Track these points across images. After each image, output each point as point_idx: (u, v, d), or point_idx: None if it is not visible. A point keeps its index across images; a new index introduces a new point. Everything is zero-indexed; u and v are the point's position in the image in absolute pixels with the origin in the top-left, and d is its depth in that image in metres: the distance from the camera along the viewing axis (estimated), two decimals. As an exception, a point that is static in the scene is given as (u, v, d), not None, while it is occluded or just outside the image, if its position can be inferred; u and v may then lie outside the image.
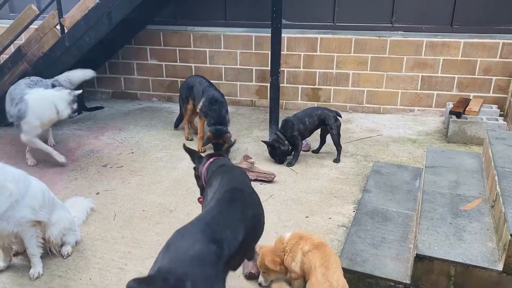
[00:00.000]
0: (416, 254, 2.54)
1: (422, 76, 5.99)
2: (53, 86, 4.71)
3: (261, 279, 2.71)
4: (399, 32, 5.89)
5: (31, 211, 2.76)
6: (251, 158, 4.51)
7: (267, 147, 4.68)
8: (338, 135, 4.65)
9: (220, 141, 4.69)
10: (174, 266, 1.74)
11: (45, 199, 2.89)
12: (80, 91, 4.53)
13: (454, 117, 5.14)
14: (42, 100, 4.27)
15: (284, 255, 2.55)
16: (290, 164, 4.57)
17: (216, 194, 2.29)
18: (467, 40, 5.71)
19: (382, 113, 6.24)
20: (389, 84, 6.11)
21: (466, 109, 5.27)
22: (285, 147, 4.57)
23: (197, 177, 2.87)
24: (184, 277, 1.69)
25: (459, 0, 5.63)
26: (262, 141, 4.83)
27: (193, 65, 6.68)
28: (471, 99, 5.69)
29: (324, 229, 3.41)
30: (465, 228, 2.78)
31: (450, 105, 5.59)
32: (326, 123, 4.63)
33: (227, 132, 4.72)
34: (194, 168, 2.91)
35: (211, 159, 2.75)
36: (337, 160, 4.66)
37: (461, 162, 3.84)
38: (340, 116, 4.74)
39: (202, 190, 2.78)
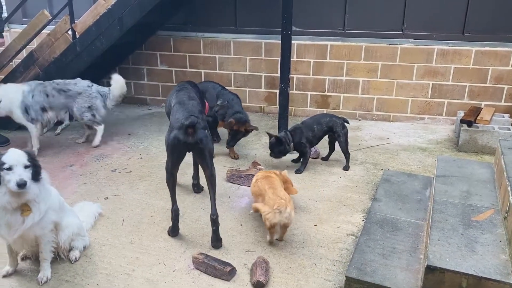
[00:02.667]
0: (427, 265, 2.50)
1: (432, 84, 5.94)
2: None
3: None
4: (410, 40, 5.86)
5: (54, 213, 2.86)
6: (259, 164, 4.50)
7: (270, 138, 4.53)
8: (346, 142, 4.62)
9: (241, 129, 4.77)
10: (193, 111, 3.22)
11: (59, 201, 2.97)
12: None
13: (465, 126, 5.09)
14: None
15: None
16: (298, 171, 4.54)
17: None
18: (479, 49, 5.66)
19: (392, 121, 6.20)
20: (399, 92, 6.08)
21: (478, 118, 5.22)
22: (288, 147, 4.50)
23: None
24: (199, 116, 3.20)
25: (471, 8, 5.60)
26: (267, 132, 4.67)
27: (202, 71, 6.70)
28: (482, 108, 5.63)
29: (333, 237, 3.38)
30: (477, 239, 2.74)
31: (461, 114, 5.54)
32: (334, 131, 4.60)
33: (248, 121, 4.83)
34: None
35: None
36: (346, 168, 4.62)
37: (473, 171, 3.80)
38: (348, 123, 4.72)
39: None
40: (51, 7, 6.89)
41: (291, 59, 5.19)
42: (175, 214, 3.37)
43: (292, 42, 5.20)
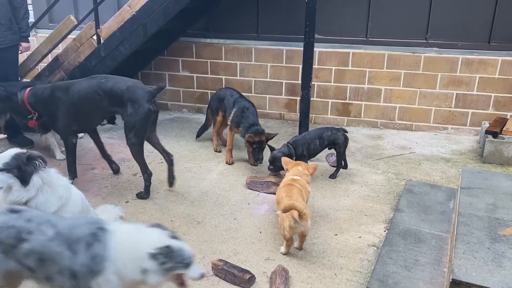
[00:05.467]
0: (452, 279, 2.43)
1: (456, 93, 5.84)
2: None
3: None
4: (434, 49, 5.78)
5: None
6: (279, 172, 4.47)
7: (272, 151, 4.42)
8: (344, 154, 4.60)
9: (262, 138, 4.64)
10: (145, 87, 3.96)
11: (83, 205, 2.99)
12: None
13: (490, 137, 4.97)
14: None
15: None
16: None
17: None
18: (505, 58, 5.54)
19: (414, 130, 6.11)
20: (422, 101, 5.99)
21: (503, 129, 5.09)
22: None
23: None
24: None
25: (498, 16, 5.49)
26: (268, 145, 4.57)
27: (223, 77, 6.73)
28: (508, 119, 5.50)
29: (353, 248, 3.33)
30: (505, 254, 2.66)
31: (486, 124, 5.42)
32: (336, 143, 4.56)
33: (263, 130, 4.70)
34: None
35: (28, 88, 4.15)
36: (333, 176, 4.58)
37: (498, 184, 3.70)
38: (346, 132, 4.67)
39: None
40: (77, 12, 7.02)
41: (313, 66, 5.18)
42: (148, 176, 4.11)
43: (314, 49, 5.18)
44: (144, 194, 4.13)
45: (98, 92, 3.93)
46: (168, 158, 4.30)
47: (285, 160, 3.83)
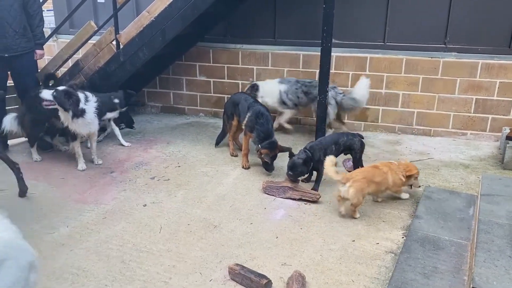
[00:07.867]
0: (473, 287, 2.40)
1: (476, 98, 5.75)
2: None
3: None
4: (453, 53, 5.71)
5: None
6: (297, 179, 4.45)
7: (291, 157, 4.45)
8: (360, 159, 4.59)
9: (276, 152, 4.70)
10: None
11: None
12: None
13: (511, 143, 4.88)
14: None
15: None
16: (314, 190, 4.35)
17: None
18: (527, 63, 5.45)
19: (432, 136, 6.03)
20: (440, 106, 5.92)
21: (525, 135, 5.01)
22: (310, 167, 4.41)
23: None
24: None
25: (519, 21, 5.41)
26: (288, 147, 4.69)
27: (240, 82, 6.75)
28: (530, 125, 5.41)
29: (371, 254, 3.30)
30: (527, 263, 2.61)
31: (506, 130, 5.33)
32: (352, 149, 4.54)
33: (277, 142, 4.72)
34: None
35: None
36: None
37: (520, 191, 3.63)
38: (363, 138, 4.64)
39: None
40: (97, 18, 7.14)
41: (330, 71, 5.17)
42: (17, 169, 4.20)
43: (331, 54, 5.17)
44: (21, 187, 4.25)
45: None
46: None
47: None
